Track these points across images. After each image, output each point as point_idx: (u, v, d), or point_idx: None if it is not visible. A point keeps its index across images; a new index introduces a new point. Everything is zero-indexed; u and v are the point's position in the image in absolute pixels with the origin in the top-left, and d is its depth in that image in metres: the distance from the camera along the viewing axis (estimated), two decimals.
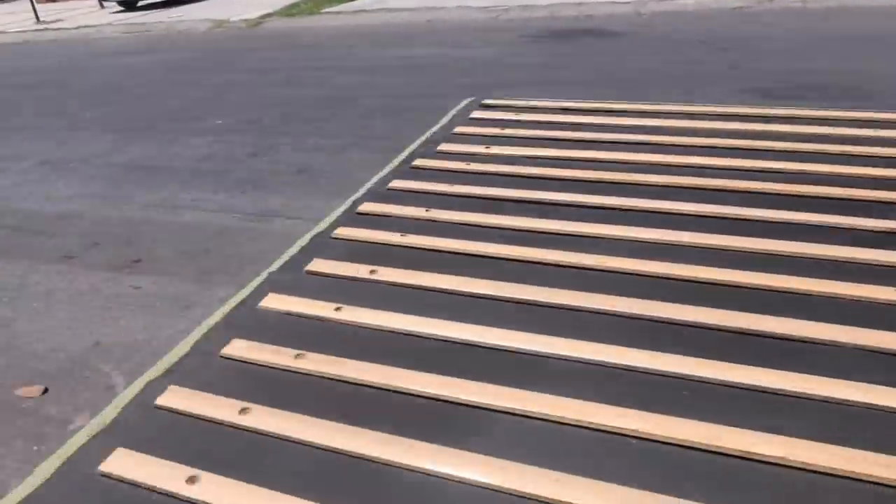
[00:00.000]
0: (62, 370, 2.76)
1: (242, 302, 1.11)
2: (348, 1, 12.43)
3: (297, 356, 0.96)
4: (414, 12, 10.98)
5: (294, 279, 1.17)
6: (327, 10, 11.83)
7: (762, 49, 6.62)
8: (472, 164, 1.54)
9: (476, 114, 1.87)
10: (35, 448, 2.35)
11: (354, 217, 1.36)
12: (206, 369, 0.96)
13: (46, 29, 14.01)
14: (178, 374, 0.96)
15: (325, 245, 1.27)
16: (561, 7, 10.03)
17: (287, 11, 12.09)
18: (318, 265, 1.19)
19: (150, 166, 5.06)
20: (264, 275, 1.19)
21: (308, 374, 0.94)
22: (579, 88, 5.89)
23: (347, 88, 6.68)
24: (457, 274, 1.12)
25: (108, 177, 4.93)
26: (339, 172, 4.52)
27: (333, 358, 0.95)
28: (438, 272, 1.13)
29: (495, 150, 1.61)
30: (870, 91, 5.02)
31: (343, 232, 1.29)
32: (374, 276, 1.13)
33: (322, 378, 0.93)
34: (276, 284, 1.15)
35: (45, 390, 2.65)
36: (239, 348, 0.99)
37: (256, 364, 0.96)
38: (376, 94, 6.34)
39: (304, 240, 1.29)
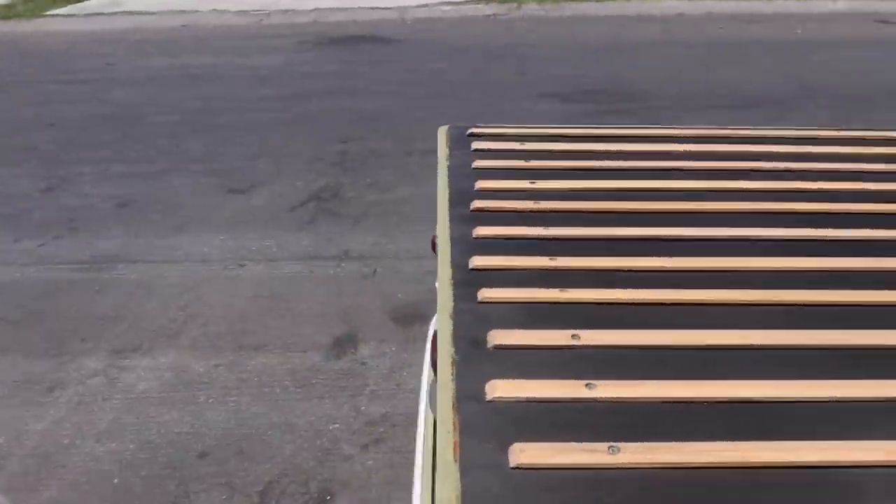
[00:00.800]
0: None
1: (455, 388, 0.96)
2: (75, 2, 10.93)
3: (610, 448, 0.86)
4: (162, 16, 10.03)
5: (483, 356, 1.04)
6: (52, 11, 10.28)
7: (534, 56, 7.23)
8: (540, 202, 1.48)
9: (477, 144, 1.80)
10: None
11: (476, 274, 1.24)
12: (506, 485, 0.82)
13: None
14: (476, 494, 0.81)
15: (478, 311, 1.14)
16: (325, 13, 9.90)
17: (1, 13, 10.26)
18: (502, 337, 1.07)
19: None
20: (449, 354, 1.03)
21: (627, 469, 0.85)
22: (390, 98, 5.92)
23: (127, 105, 5.92)
24: (667, 327, 1.08)
25: None
26: (171, 203, 4.00)
27: (651, 445, 0.86)
28: (649, 328, 1.08)
29: (542, 184, 1.57)
30: (637, 93, 5.80)
31: (490, 294, 1.17)
32: (580, 342, 1.05)
33: (646, 468, 0.85)
34: (471, 363, 1.01)
35: None
36: (532, 455, 0.85)
37: (569, 468, 0.85)
38: (166, 111, 5.71)
39: (447, 306, 1.14)
